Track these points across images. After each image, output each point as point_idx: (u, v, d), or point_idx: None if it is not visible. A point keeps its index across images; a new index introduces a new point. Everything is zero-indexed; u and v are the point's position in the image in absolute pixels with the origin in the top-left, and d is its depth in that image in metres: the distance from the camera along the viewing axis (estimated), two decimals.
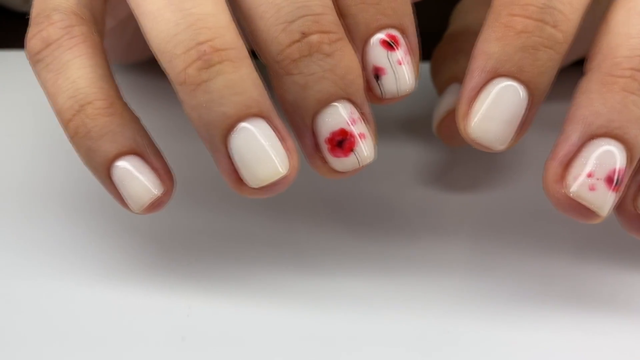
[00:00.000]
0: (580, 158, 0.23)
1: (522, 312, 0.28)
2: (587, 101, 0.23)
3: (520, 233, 0.30)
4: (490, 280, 0.29)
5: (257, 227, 0.31)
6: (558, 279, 0.29)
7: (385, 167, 0.34)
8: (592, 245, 0.30)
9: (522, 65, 0.23)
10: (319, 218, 0.31)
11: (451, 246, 0.30)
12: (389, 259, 0.30)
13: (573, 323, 0.27)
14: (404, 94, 0.25)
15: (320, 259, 0.30)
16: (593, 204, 0.23)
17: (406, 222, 0.31)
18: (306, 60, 0.23)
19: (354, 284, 0.29)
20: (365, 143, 0.24)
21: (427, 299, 0.28)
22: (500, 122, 0.24)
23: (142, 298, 0.28)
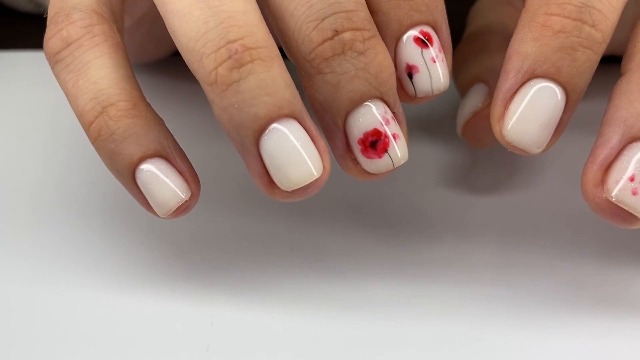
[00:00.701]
0: (621, 161, 0.23)
1: (551, 318, 0.27)
2: (627, 103, 0.23)
3: (545, 236, 0.30)
4: (517, 285, 0.28)
5: (279, 231, 0.30)
6: (587, 283, 0.28)
7: (406, 168, 0.33)
8: (620, 248, 0.29)
9: (560, 66, 0.23)
10: (341, 221, 0.31)
11: (475, 250, 0.29)
12: (412, 263, 0.29)
13: (604, 329, 0.27)
14: (438, 92, 0.24)
15: (342, 263, 0.29)
16: (636, 209, 0.23)
17: (428, 225, 0.31)
18: (339, 59, 0.23)
19: (378, 290, 0.28)
20: (399, 143, 0.24)
21: (452, 306, 0.27)
22: (537, 125, 0.23)
23: (165, 306, 0.27)
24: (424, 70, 0.24)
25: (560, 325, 0.27)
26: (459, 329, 0.26)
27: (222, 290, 0.27)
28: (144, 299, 0.27)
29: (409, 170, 0.33)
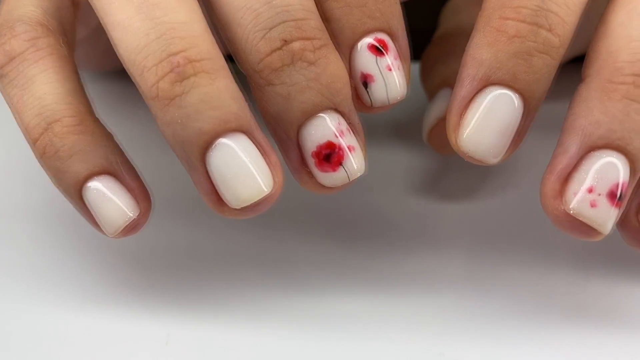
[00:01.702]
0: (580, 172, 0.22)
1: (517, 331, 0.26)
2: (586, 110, 0.22)
3: (517, 243, 0.29)
4: (487, 295, 0.27)
5: (242, 243, 0.29)
6: (556, 294, 0.27)
7: (377, 174, 0.32)
8: (593, 256, 0.28)
9: (516, 72, 0.22)
10: (307, 231, 0.30)
11: (444, 261, 0.28)
12: (378, 276, 0.28)
13: (574, 339, 0.26)
14: (395, 101, 0.23)
15: (309, 275, 0.28)
16: (594, 221, 0.22)
17: (399, 234, 0.30)
18: (288, 70, 0.22)
19: (344, 301, 0.27)
20: (355, 156, 0.23)
21: (416, 320, 0.26)
22: (493, 134, 0.22)
23: (118, 325, 0.26)
24: (379, 79, 0.23)
25: (526, 337, 0.26)
26: (422, 344, 0.25)
27: (178, 308, 0.27)
28: (94, 316, 0.26)
29: (379, 175, 0.32)
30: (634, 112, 0.21)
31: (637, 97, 0.21)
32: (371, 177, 0.31)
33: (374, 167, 0.32)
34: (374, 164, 0.32)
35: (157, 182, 0.27)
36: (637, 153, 0.22)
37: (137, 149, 0.26)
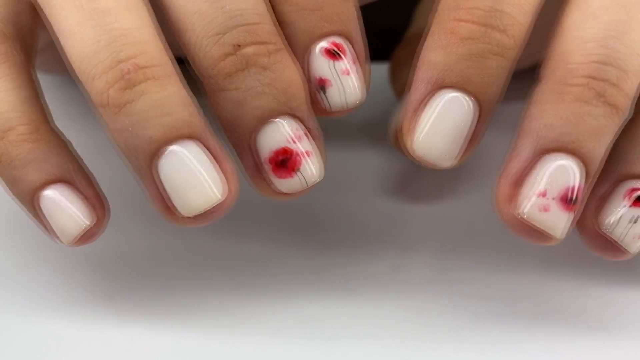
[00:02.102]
0: (532, 176, 0.22)
1: (484, 334, 0.26)
2: (539, 113, 0.22)
3: (485, 247, 0.29)
4: (451, 300, 0.27)
5: (208, 248, 0.29)
6: (525, 296, 0.27)
7: (347, 175, 0.32)
8: (561, 261, 0.28)
9: (468, 75, 0.22)
10: (275, 233, 0.29)
11: (412, 264, 0.28)
12: (347, 276, 0.28)
13: (541, 342, 0.25)
14: (352, 106, 0.23)
15: (275, 279, 0.28)
16: (546, 226, 0.22)
17: (367, 236, 0.29)
18: (242, 75, 0.21)
19: (311, 305, 0.27)
20: (312, 161, 0.23)
21: (382, 324, 0.26)
22: (446, 137, 0.22)
23: (81, 330, 0.26)
24: (336, 84, 0.23)
25: (493, 342, 0.25)
26: (388, 348, 0.25)
27: (142, 314, 0.26)
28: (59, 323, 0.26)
29: (349, 177, 0.32)
30: (586, 114, 0.21)
31: (590, 99, 0.21)
32: (341, 178, 0.31)
33: (345, 168, 0.32)
34: (345, 165, 0.32)
35: (122, 188, 0.26)
36: (590, 156, 0.21)
37: (106, 156, 0.25)
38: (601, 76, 0.21)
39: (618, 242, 0.23)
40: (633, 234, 0.23)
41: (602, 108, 0.21)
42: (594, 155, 0.21)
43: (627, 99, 0.21)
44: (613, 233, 0.23)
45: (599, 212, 0.23)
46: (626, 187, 0.23)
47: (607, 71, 0.21)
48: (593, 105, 0.21)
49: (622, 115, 0.21)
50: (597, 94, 0.21)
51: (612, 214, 0.23)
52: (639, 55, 0.21)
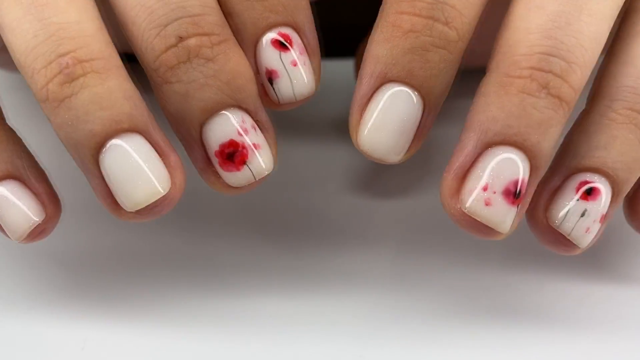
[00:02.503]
0: (476, 170, 0.21)
1: (442, 330, 0.26)
2: (483, 106, 0.21)
3: (447, 241, 0.28)
4: (411, 295, 0.27)
5: (165, 245, 0.28)
6: (483, 291, 0.27)
7: (313, 171, 0.31)
8: (524, 256, 0.28)
9: (412, 68, 0.21)
10: (237, 229, 0.29)
11: (373, 259, 0.28)
12: (306, 275, 0.27)
13: (497, 338, 0.25)
14: (303, 97, 0.23)
15: (234, 275, 0.27)
16: (489, 221, 0.21)
17: (329, 233, 0.29)
18: (185, 67, 0.21)
19: (268, 301, 0.26)
20: (261, 154, 0.22)
21: (338, 320, 0.26)
22: (392, 132, 0.22)
23: (34, 329, 0.26)
24: (284, 75, 0.22)
25: (452, 336, 0.25)
26: (342, 346, 0.25)
27: (96, 313, 0.26)
28: (12, 321, 0.26)
29: (316, 174, 0.31)
30: (530, 106, 0.21)
31: (534, 91, 0.21)
32: (307, 174, 0.31)
33: (311, 164, 0.32)
34: (311, 160, 0.32)
35: (79, 185, 0.26)
36: (535, 149, 0.21)
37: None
38: (545, 68, 0.21)
39: (567, 236, 0.22)
40: (582, 228, 0.22)
41: (546, 100, 0.21)
42: (539, 148, 0.21)
43: (573, 90, 0.21)
44: (562, 227, 0.22)
45: (550, 206, 0.23)
46: (577, 180, 0.22)
47: (552, 62, 0.21)
48: (537, 97, 0.21)
49: (567, 108, 0.21)
50: (541, 85, 0.21)
51: (562, 208, 0.22)
52: (584, 46, 0.21)
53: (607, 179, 0.22)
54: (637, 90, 0.22)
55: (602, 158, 0.22)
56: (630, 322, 0.26)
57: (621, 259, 0.28)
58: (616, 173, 0.22)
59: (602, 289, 0.27)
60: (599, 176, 0.22)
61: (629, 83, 0.22)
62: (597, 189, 0.22)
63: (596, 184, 0.22)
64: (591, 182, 0.22)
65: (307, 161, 0.32)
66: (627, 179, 0.22)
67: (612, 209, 0.23)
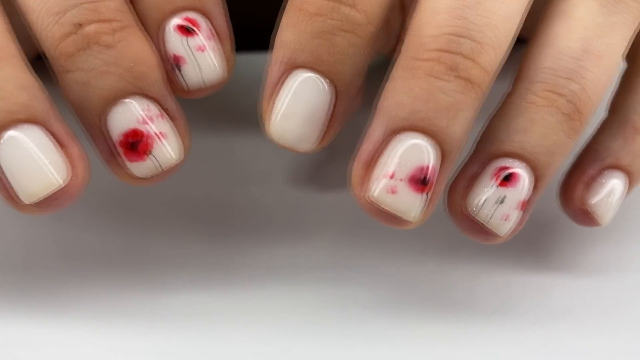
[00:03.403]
0: (383, 157, 0.20)
1: (381, 319, 0.25)
2: (391, 91, 0.20)
3: (385, 234, 0.27)
4: (345, 288, 0.26)
5: (101, 239, 0.28)
6: (421, 282, 0.26)
7: (259, 165, 0.31)
8: (461, 247, 0.27)
9: (319, 53, 0.20)
10: (169, 223, 0.28)
11: (310, 253, 0.27)
12: (240, 270, 0.27)
13: (434, 330, 0.24)
14: (212, 84, 0.22)
15: (165, 272, 0.26)
16: (395, 209, 0.20)
17: (271, 226, 0.28)
18: (84, 55, 0.21)
19: (200, 298, 0.26)
20: (167, 143, 0.22)
21: (268, 315, 0.25)
22: (301, 120, 0.21)
23: None
24: (190, 61, 0.22)
25: (386, 329, 0.24)
26: (268, 340, 0.24)
27: (15, 311, 0.25)
28: None
29: (261, 168, 0.31)
30: (438, 90, 0.20)
31: (441, 74, 0.20)
32: (252, 168, 0.30)
33: (256, 158, 0.31)
34: (256, 154, 0.31)
35: None
36: (444, 134, 0.20)
37: None
38: (454, 49, 0.20)
39: (484, 224, 0.21)
40: (500, 215, 0.21)
41: (455, 83, 0.20)
42: (449, 133, 0.20)
43: (485, 72, 0.20)
44: (479, 215, 0.21)
45: (467, 194, 0.22)
46: (495, 166, 0.21)
47: (461, 43, 0.20)
48: (445, 81, 0.20)
49: (479, 91, 0.20)
50: (449, 68, 0.20)
51: (479, 195, 0.21)
52: (496, 26, 0.20)
53: (527, 164, 0.21)
54: (557, 72, 0.21)
55: (521, 142, 0.21)
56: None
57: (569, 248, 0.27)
58: (536, 158, 0.21)
59: (544, 280, 0.26)
60: (518, 161, 0.21)
61: (548, 64, 0.21)
62: (516, 174, 0.21)
63: (515, 169, 0.21)
64: (510, 168, 0.21)
65: (248, 155, 0.31)
66: (548, 164, 0.21)
67: (534, 196, 0.22)
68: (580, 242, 0.27)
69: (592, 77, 0.21)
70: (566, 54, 0.21)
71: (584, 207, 0.24)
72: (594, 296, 0.26)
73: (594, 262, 0.27)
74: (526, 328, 0.24)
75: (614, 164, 0.24)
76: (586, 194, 0.24)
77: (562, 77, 0.21)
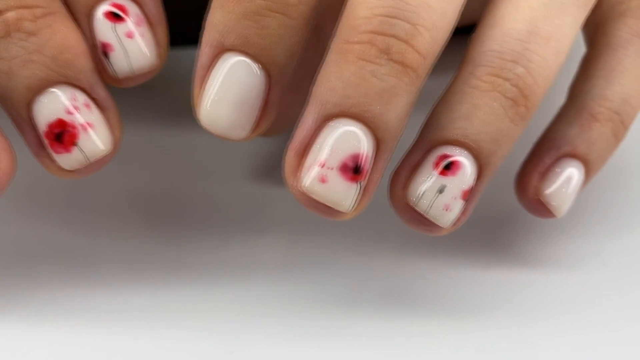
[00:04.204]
0: (315, 145, 0.19)
1: (331, 316, 0.24)
2: (323, 76, 0.19)
3: (343, 228, 0.26)
4: (297, 286, 0.25)
5: (48, 236, 0.27)
6: (375, 277, 0.25)
7: (212, 160, 0.30)
8: (417, 242, 0.26)
9: (247, 35, 0.19)
10: (130, 221, 0.27)
11: (265, 249, 0.26)
12: (192, 265, 0.26)
13: (389, 327, 0.23)
14: (142, 71, 0.21)
15: (112, 268, 0.26)
16: (326, 199, 0.19)
17: (226, 221, 0.27)
18: (5, 42, 0.20)
19: (142, 295, 0.25)
20: (94, 134, 0.21)
21: (215, 313, 0.24)
22: (233, 106, 0.20)
23: None
24: (118, 48, 0.21)
25: (336, 325, 0.23)
26: (213, 342, 0.23)
27: None
28: None
29: (218, 163, 0.30)
30: (369, 74, 0.19)
31: (374, 57, 0.19)
32: (209, 162, 0.29)
33: (213, 152, 0.30)
34: (213, 149, 0.30)
35: None
36: (378, 121, 0.19)
37: None
38: (387, 31, 0.19)
39: (425, 215, 0.20)
40: (440, 206, 0.20)
41: (388, 67, 0.19)
42: (383, 119, 0.19)
43: (420, 56, 0.19)
44: (418, 205, 0.20)
45: (409, 183, 0.21)
46: (436, 154, 0.20)
47: (395, 25, 0.19)
48: (377, 64, 0.19)
49: (414, 75, 0.19)
50: (382, 51, 0.19)
51: (419, 185, 0.20)
52: (431, 7, 0.19)
53: (470, 152, 0.20)
54: (503, 55, 0.20)
55: (463, 129, 0.20)
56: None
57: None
58: (479, 145, 0.20)
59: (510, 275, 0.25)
60: (460, 149, 0.20)
61: (493, 47, 0.20)
62: (457, 162, 0.20)
63: (456, 157, 0.20)
64: (451, 156, 0.20)
65: (206, 149, 0.30)
66: (492, 151, 0.20)
67: (479, 185, 0.21)
68: (545, 236, 0.26)
69: (539, 61, 0.20)
70: (512, 36, 0.20)
71: (539, 197, 0.23)
72: (560, 292, 0.25)
73: (557, 257, 0.26)
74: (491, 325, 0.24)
75: (570, 153, 0.23)
76: (541, 184, 0.23)
77: (507, 60, 0.20)
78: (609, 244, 0.26)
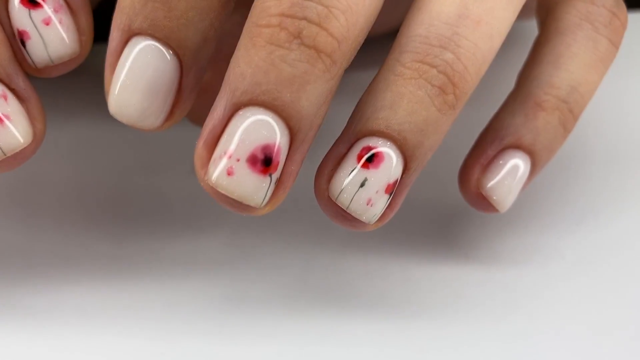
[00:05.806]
0: (225, 135, 0.18)
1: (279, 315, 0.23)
2: (233, 61, 0.18)
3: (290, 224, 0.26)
4: (244, 278, 0.24)
5: None
6: (315, 277, 0.24)
7: (157, 155, 0.29)
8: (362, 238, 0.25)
9: (155, 18, 0.19)
10: (74, 216, 0.27)
11: (212, 244, 0.26)
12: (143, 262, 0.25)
13: (329, 325, 0.23)
14: (62, 60, 0.21)
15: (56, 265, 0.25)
16: (232, 192, 0.18)
17: (173, 217, 0.27)
18: None
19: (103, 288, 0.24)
20: (11, 126, 0.20)
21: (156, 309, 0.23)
22: (142, 93, 0.19)
23: None
24: (35, 36, 0.20)
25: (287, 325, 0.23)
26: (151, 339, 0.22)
27: None
28: None
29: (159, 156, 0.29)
30: (279, 59, 0.18)
31: (283, 41, 0.18)
32: (153, 157, 0.29)
33: (157, 147, 0.29)
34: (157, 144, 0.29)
35: None
36: (289, 109, 0.18)
37: None
38: (298, 14, 0.18)
39: (346, 210, 0.19)
40: (362, 200, 0.19)
41: (298, 52, 0.18)
42: (295, 108, 0.18)
43: (335, 40, 0.18)
44: (340, 200, 0.19)
45: (332, 177, 0.20)
46: (360, 146, 0.19)
47: (307, 7, 0.18)
48: (287, 49, 0.18)
49: (329, 61, 0.18)
50: (292, 34, 0.18)
51: (342, 178, 0.19)
52: None
53: (394, 143, 0.19)
54: (429, 40, 0.19)
55: (386, 119, 0.19)
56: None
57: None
58: (403, 136, 0.19)
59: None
60: (384, 140, 0.19)
61: (420, 32, 0.19)
62: (380, 154, 0.19)
63: (379, 149, 0.19)
64: (374, 148, 0.19)
65: (155, 144, 0.29)
66: (419, 142, 0.19)
67: (407, 178, 0.20)
68: (501, 231, 0.25)
69: (469, 46, 0.19)
70: (440, 20, 0.19)
71: (481, 191, 0.22)
72: (516, 287, 0.24)
73: (514, 252, 0.25)
74: (438, 323, 0.23)
75: (514, 143, 0.22)
76: (483, 176, 0.22)
77: (435, 45, 0.19)
78: (568, 237, 0.25)
